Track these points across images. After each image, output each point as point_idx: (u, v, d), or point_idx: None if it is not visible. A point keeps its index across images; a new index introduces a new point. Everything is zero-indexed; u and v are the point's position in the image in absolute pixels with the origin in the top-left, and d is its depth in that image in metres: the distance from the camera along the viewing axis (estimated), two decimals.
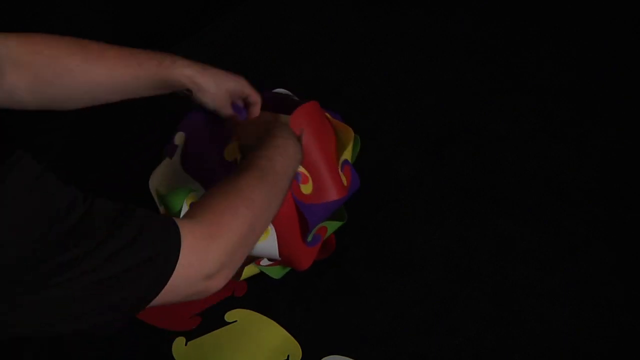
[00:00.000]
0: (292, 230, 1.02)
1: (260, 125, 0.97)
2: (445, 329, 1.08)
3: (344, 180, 1.06)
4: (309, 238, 1.05)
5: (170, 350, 1.07)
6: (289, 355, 1.06)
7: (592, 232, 1.21)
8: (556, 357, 1.05)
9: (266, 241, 1.00)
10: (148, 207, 1.06)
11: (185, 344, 1.07)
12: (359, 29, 1.69)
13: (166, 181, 1.06)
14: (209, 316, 1.10)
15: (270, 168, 0.82)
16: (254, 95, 1.03)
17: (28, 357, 1.04)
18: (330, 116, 1.11)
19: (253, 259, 1.07)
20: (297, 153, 0.89)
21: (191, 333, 1.08)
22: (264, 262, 1.09)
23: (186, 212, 0.76)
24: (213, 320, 1.10)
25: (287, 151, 0.87)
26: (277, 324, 1.09)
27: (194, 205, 0.76)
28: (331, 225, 1.10)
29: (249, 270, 1.09)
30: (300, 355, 1.05)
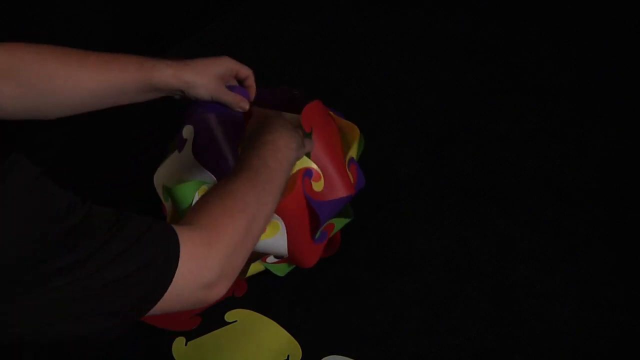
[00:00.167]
0: (302, 227, 1.02)
1: (256, 122, 0.96)
2: (445, 329, 1.08)
3: (351, 178, 1.07)
4: (317, 235, 1.05)
5: (170, 350, 1.07)
6: (289, 356, 1.06)
7: (592, 232, 1.21)
8: (556, 357, 1.05)
9: (275, 238, 1.01)
10: (149, 207, 1.07)
11: (185, 344, 1.07)
12: (359, 29, 1.69)
13: (174, 174, 1.05)
14: (209, 316, 1.10)
15: (262, 166, 0.82)
16: (244, 70, 1.02)
17: (28, 357, 1.04)
18: (334, 114, 1.11)
19: (260, 255, 1.07)
20: (290, 143, 0.88)
21: (191, 333, 1.08)
22: (270, 259, 1.09)
23: (183, 218, 0.75)
24: (213, 320, 1.10)
25: (277, 145, 0.86)
26: (277, 324, 1.09)
27: (189, 212, 0.76)
28: (338, 222, 1.11)
29: (255, 268, 1.10)
30: (300, 355, 1.05)
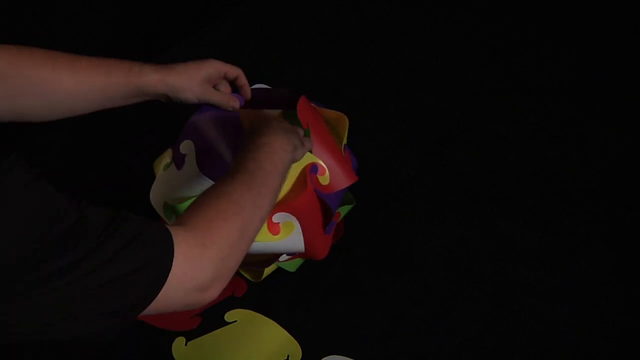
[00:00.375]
0: (316, 221, 1.04)
1: (252, 124, 0.96)
2: (445, 329, 1.08)
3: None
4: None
5: (170, 350, 1.07)
6: (288, 356, 1.06)
7: (592, 232, 1.21)
8: (556, 357, 1.05)
9: (291, 237, 1.01)
10: (149, 208, 1.07)
11: (185, 344, 1.07)
12: (359, 29, 1.69)
13: (174, 191, 1.05)
14: (209, 316, 1.10)
15: (258, 169, 0.82)
16: (232, 70, 1.02)
17: (28, 357, 1.04)
18: (318, 106, 1.12)
19: (276, 257, 1.08)
20: (285, 146, 0.89)
21: (191, 333, 1.08)
22: (282, 257, 1.09)
23: (177, 219, 0.75)
24: (213, 320, 1.10)
25: (272, 147, 0.86)
26: (277, 324, 1.09)
27: (184, 212, 0.76)
28: (343, 210, 1.14)
29: (269, 269, 1.11)
30: (300, 356, 1.05)
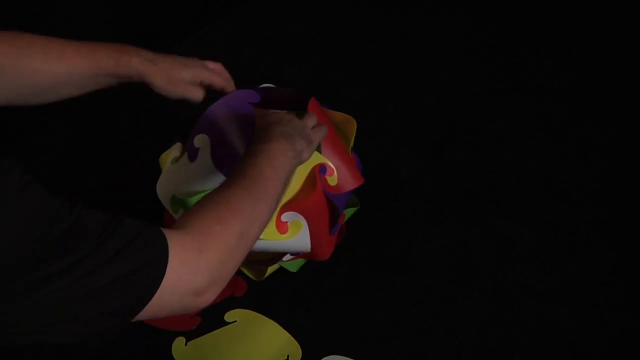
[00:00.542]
0: (324, 222, 1.04)
1: (258, 126, 0.96)
2: (445, 329, 1.08)
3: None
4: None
5: (170, 350, 1.07)
6: (288, 356, 1.06)
7: (592, 232, 1.21)
8: (556, 357, 1.05)
9: (299, 236, 1.02)
10: (149, 209, 1.07)
11: (185, 344, 1.07)
12: (359, 29, 1.69)
13: (183, 184, 1.04)
14: (209, 316, 1.10)
15: (258, 175, 0.82)
16: (218, 81, 1.03)
17: (28, 357, 1.04)
18: (326, 109, 1.12)
19: (281, 256, 1.08)
20: (286, 151, 0.88)
21: (191, 333, 1.08)
22: (286, 257, 1.09)
23: (176, 222, 0.75)
24: (213, 320, 1.10)
25: (273, 153, 0.86)
26: (277, 324, 1.09)
27: (182, 216, 0.76)
28: (348, 212, 1.15)
29: (271, 268, 1.11)
30: (300, 356, 1.05)
